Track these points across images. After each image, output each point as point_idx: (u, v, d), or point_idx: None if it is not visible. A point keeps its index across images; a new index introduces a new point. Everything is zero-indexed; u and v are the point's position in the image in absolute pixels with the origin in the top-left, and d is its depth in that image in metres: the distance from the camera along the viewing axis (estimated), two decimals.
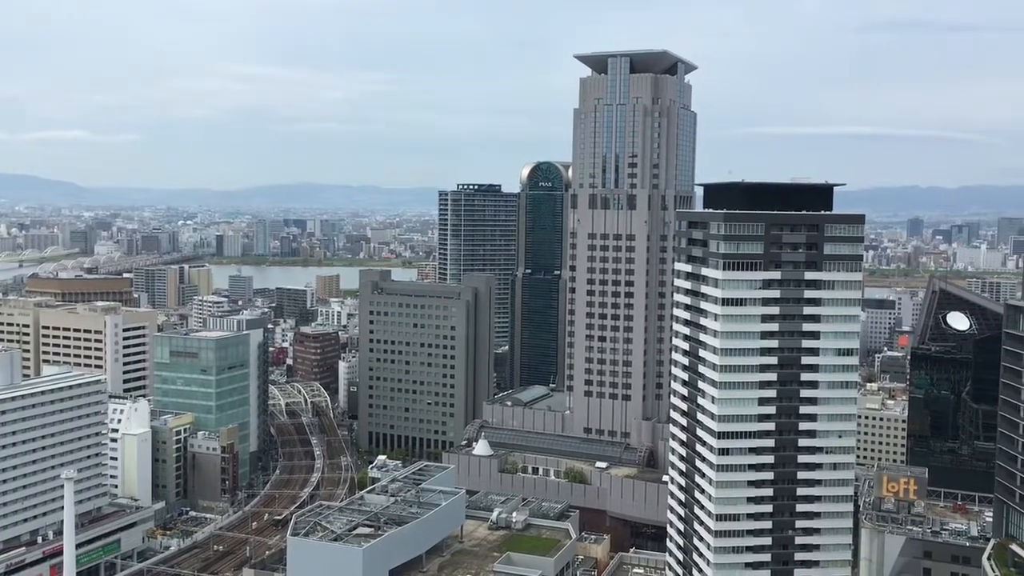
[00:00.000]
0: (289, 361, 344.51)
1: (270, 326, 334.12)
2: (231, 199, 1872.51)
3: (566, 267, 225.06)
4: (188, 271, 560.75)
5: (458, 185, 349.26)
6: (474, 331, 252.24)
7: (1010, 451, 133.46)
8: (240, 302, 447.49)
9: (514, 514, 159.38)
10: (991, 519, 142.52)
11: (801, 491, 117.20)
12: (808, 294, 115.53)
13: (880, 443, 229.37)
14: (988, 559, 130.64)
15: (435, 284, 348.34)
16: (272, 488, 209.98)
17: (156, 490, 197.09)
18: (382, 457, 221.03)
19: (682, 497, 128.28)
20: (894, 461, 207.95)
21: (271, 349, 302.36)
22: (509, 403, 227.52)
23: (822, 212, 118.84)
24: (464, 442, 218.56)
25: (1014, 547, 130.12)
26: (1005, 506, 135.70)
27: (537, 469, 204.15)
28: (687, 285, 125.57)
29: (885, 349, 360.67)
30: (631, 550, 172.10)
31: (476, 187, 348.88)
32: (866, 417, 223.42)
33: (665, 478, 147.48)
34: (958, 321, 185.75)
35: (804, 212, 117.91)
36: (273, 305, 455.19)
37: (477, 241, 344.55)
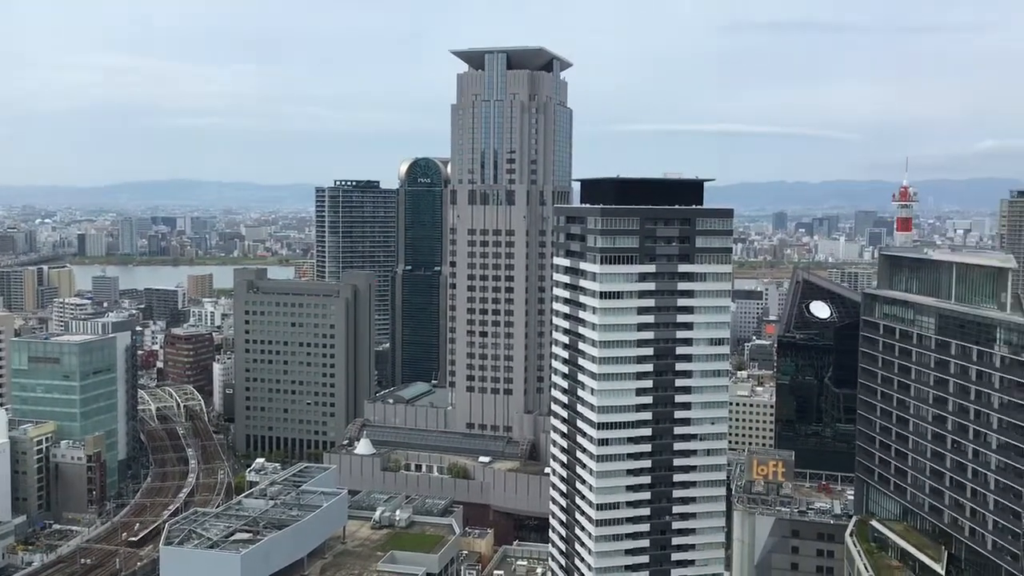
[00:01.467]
0: (160, 364, 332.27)
1: (139, 328, 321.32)
2: (94, 196, 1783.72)
3: (446, 263, 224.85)
4: (47, 272, 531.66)
5: (336, 181, 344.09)
6: (354, 329, 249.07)
7: (868, 432, 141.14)
8: (105, 304, 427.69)
9: (397, 512, 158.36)
10: (852, 497, 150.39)
11: (677, 477, 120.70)
12: (681, 286, 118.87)
13: (750, 428, 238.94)
14: (850, 535, 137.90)
15: (313, 282, 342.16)
16: (143, 497, 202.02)
17: (16, 503, 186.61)
18: (260, 460, 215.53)
19: (563, 488, 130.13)
20: (763, 445, 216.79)
21: (140, 352, 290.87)
22: (391, 401, 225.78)
23: (694, 207, 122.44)
24: (345, 442, 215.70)
25: (874, 523, 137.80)
26: (865, 484, 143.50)
27: (420, 466, 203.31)
28: (566, 279, 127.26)
29: (754, 338, 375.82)
30: (515, 543, 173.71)
31: (354, 183, 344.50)
32: (737, 404, 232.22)
33: (547, 470, 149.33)
34: (820, 310, 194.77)
35: (677, 207, 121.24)
36: (142, 306, 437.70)
37: (356, 238, 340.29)
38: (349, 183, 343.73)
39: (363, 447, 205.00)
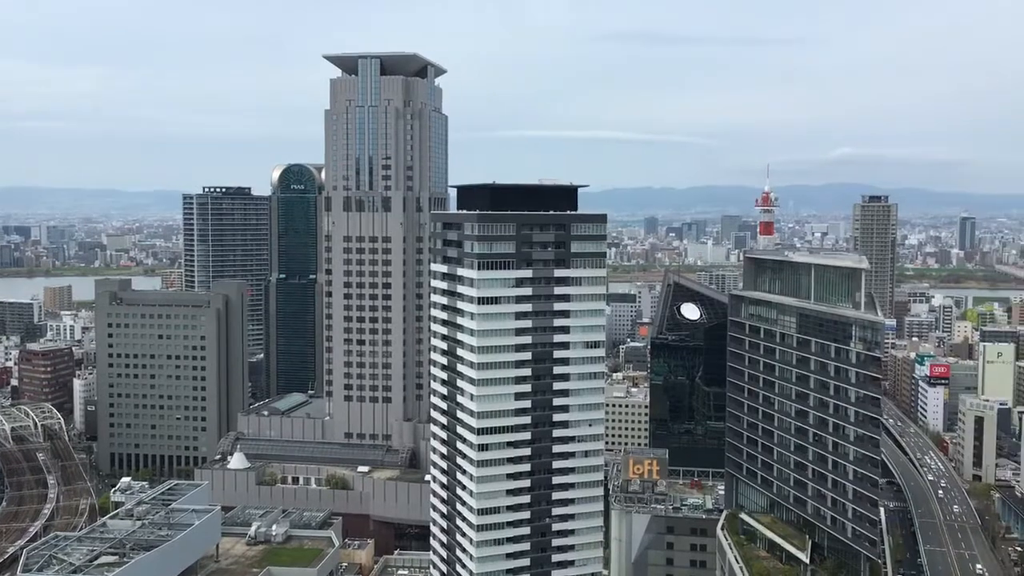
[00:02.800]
0: (14, 382, 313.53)
1: None
2: None
3: (322, 271, 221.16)
4: None
5: (205, 188, 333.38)
6: (226, 340, 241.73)
7: (737, 429, 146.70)
8: None
9: (274, 527, 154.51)
10: (723, 492, 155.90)
11: (556, 479, 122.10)
12: (558, 290, 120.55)
13: (626, 428, 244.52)
14: (721, 529, 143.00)
15: (182, 292, 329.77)
16: None
17: None
18: (126, 479, 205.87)
19: (444, 495, 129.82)
20: (639, 445, 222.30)
21: None
22: (266, 413, 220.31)
23: (568, 212, 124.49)
24: (218, 457, 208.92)
25: (743, 516, 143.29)
26: (734, 479, 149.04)
27: (297, 479, 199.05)
28: (443, 285, 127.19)
29: (628, 340, 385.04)
30: (396, 552, 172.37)
31: (224, 190, 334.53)
32: (613, 405, 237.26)
33: (427, 477, 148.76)
34: (690, 311, 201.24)
35: (552, 212, 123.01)
36: None
37: (227, 246, 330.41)
38: (219, 189, 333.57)
39: (237, 461, 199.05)
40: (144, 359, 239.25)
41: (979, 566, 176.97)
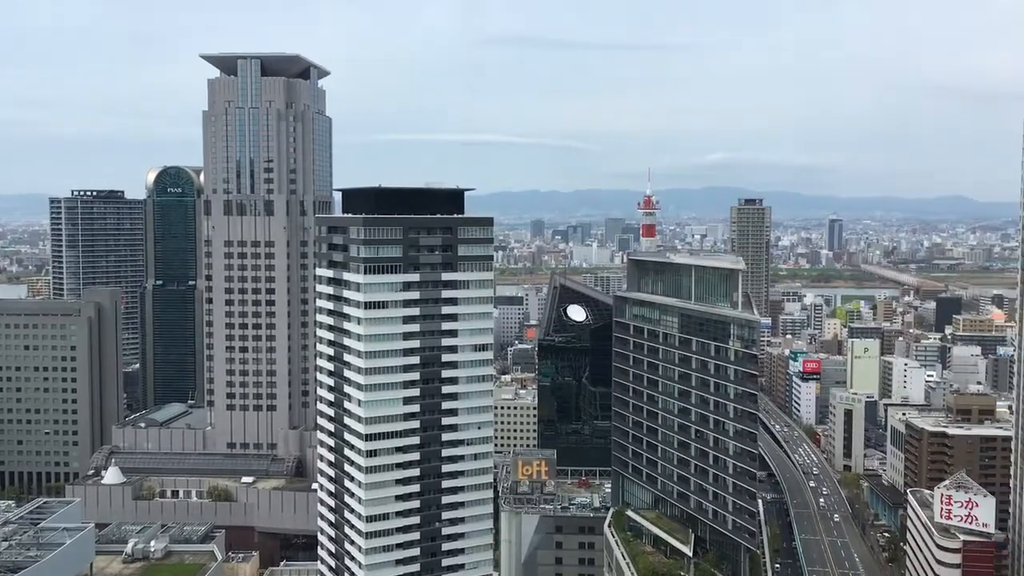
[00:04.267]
0: None
1: None
2: None
3: (201, 277, 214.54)
4: None
5: (74, 191, 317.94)
6: (99, 350, 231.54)
7: (622, 427, 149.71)
8: None
9: (152, 543, 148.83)
10: (610, 490, 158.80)
11: (446, 483, 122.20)
12: (445, 294, 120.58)
13: (514, 430, 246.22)
14: (608, 526, 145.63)
15: (50, 301, 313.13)
16: None
17: None
18: None
19: (332, 503, 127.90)
20: (527, 446, 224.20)
21: None
22: (143, 425, 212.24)
23: (455, 216, 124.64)
24: (91, 472, 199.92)
25: (629, 513, 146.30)
26: (620, 477, 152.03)
27: (177, 492, 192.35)
28: (329, 290, 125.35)
29: (516, 342, 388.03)
30: (282, 563, 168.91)
31: (95, 193, 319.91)
32: (501, 407, 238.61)
33: (314, 486, 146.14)
34: (576, 313, 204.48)
35: (439, 216, 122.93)
36: None
37: (99, 252, 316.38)
38: (89, 193, 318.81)
39: (112, 476, 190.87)
40: (8, 371, 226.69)
41: (850, 548, 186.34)
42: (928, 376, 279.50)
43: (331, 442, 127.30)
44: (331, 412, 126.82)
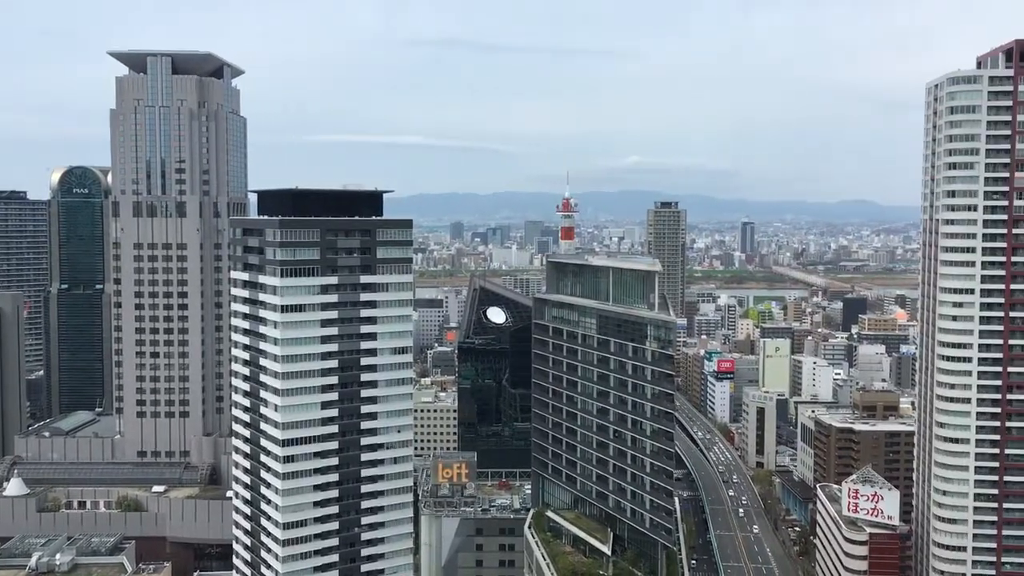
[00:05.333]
0: None
1: None
2: None
3: (110, 280, 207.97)
4: None
5: None
6: (0, 357, 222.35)
7: (542, 429, 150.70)
8: None
9: (58, 556, 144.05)
10: (530, 491, 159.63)
11: (365, 488, 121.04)
12: (364, 297, 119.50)
13: (435, 433, 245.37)
14: (529, 527, 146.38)
15: None
16: None
17: None
18: None
19: (248, 511, 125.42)
20: (448, 448, 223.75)
21: None
22: (47, 434, 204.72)
23: (374, 218, 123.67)
24: None
25: (549, 513, 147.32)
26: (540, 478, 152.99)
27: (84, 503, 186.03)
28: (245, 294, 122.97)
29: (436, 345, 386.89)
30: (195, 574, 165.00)
31: None
32: (421, 410, 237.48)
33: (229, 494, 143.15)
34: (496, 315, 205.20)
35: (357, 218, 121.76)
36: None
37: None
38: None
39: (14, 487, 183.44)
40: None
41: (760, 539, 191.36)
42: (836, 374, 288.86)
43: (247, 448, 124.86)
44: (247, 418, 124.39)
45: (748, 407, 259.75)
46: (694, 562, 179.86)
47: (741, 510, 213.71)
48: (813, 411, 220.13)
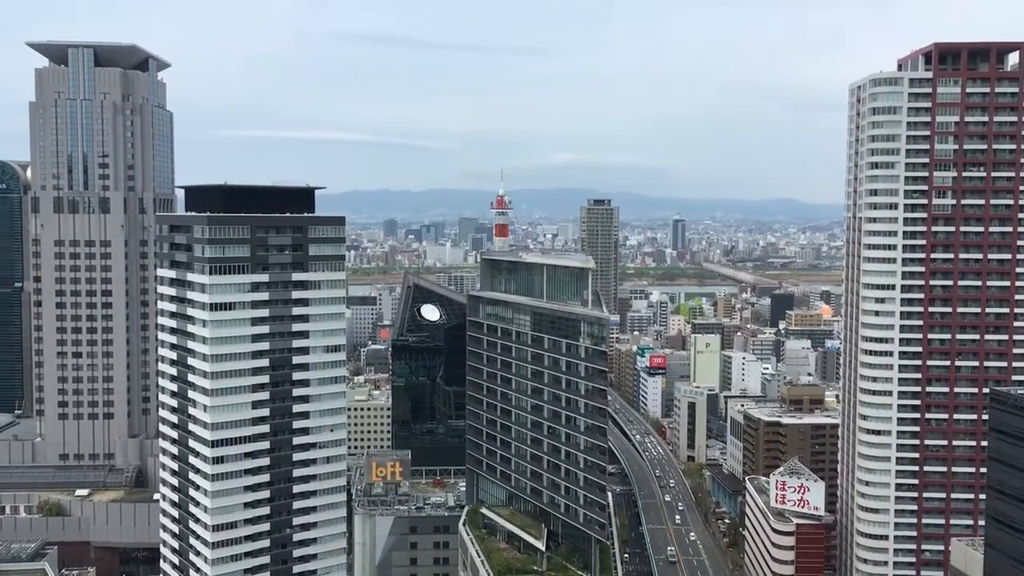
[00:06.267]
0: None
1: None
2: None
3: (29, 278, 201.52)
4: None
5: None
6: None
7: (477, 426, 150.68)
8: None
9: None
10: (465, 489, 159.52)
11: (297, 488, 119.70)
12: (296, 295, 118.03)
13: (368, 431, 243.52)
14: (463, 524, 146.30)
15: None
16: None
17: None
18: None
19: (176, 513, 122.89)
20: (381, 447, 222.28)
21: None
22: None
23: (306, 215, 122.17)
24: None
25: (483, 510, 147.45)
26: (475, 475, 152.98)
27: (4, 508, 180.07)
28: (172, 292, 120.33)
29: (369, 343, 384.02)
30: None
31: None
32: (355, 409, 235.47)
33: (157, 496, 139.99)
34: (430, 312, 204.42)
35: (289, 215, 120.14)
36: None
37: None
38: None
39: None
40: None
41: (693, 535, 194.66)
42: (764, 369, 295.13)
43: (174, 450, 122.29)
44: (174, 419, 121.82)
45: (680, 402, 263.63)
46: (627, 556, 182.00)
47: (672, 503, 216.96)
48: (742, 405, 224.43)
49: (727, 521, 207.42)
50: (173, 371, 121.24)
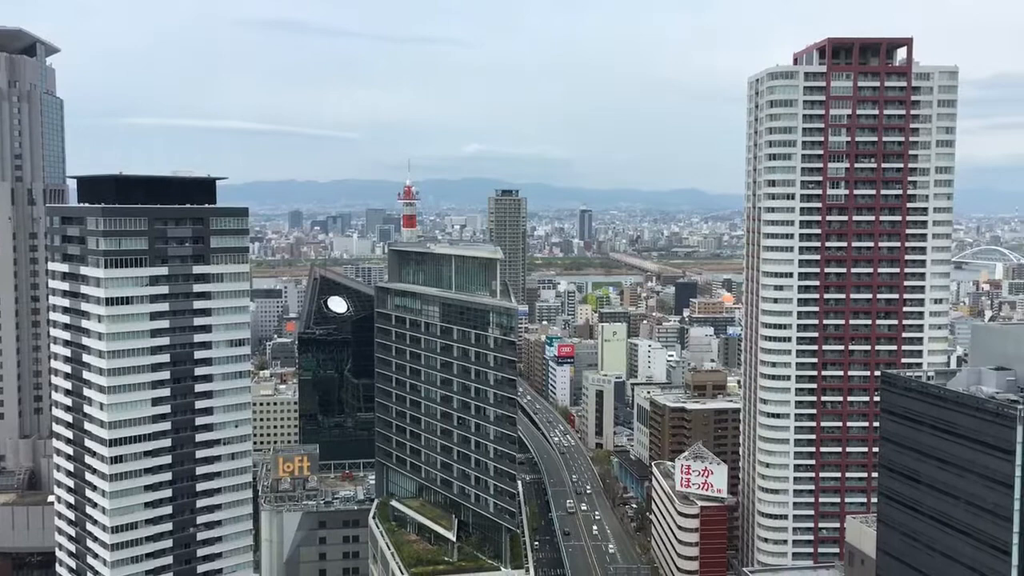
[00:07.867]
0: None
1: None
2: None
3: None
4: None
5: None
6: None
7: (386, 418, 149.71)
8: None
9: None
10: (374, 482, 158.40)
11: (201, 486, 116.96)
12: (197, 288, 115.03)
13: (275, 426, 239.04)
14: (373, 518, 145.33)
15: None
16: None
17: None
18: None
19: (72, 516, 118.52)
20: (288, 442, 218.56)
21: None
22: None
23: (207, 206, 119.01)
24: None
25: (393, 503, 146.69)
26: (384, 468, 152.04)
27: None
28: (65, 286, 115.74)
29: (275, 336, 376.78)
30: None
31: None
32: (260, 404, 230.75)
33: (51, 499, 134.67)
34: (338, 305, 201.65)
35: (189, 206, 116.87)
36: None
37: None
38: None
39: None
40: None
41: (602, 519, 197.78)
42: (669, 356, 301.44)
43: (70, 450, 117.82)
44: (69, 418, 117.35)
45: (588, 390, 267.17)
46: (537, 543, 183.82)
47: (581, 490, 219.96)
48: (648, 392, 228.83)
49: (634, 506, 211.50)
50: (67, 368, 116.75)
